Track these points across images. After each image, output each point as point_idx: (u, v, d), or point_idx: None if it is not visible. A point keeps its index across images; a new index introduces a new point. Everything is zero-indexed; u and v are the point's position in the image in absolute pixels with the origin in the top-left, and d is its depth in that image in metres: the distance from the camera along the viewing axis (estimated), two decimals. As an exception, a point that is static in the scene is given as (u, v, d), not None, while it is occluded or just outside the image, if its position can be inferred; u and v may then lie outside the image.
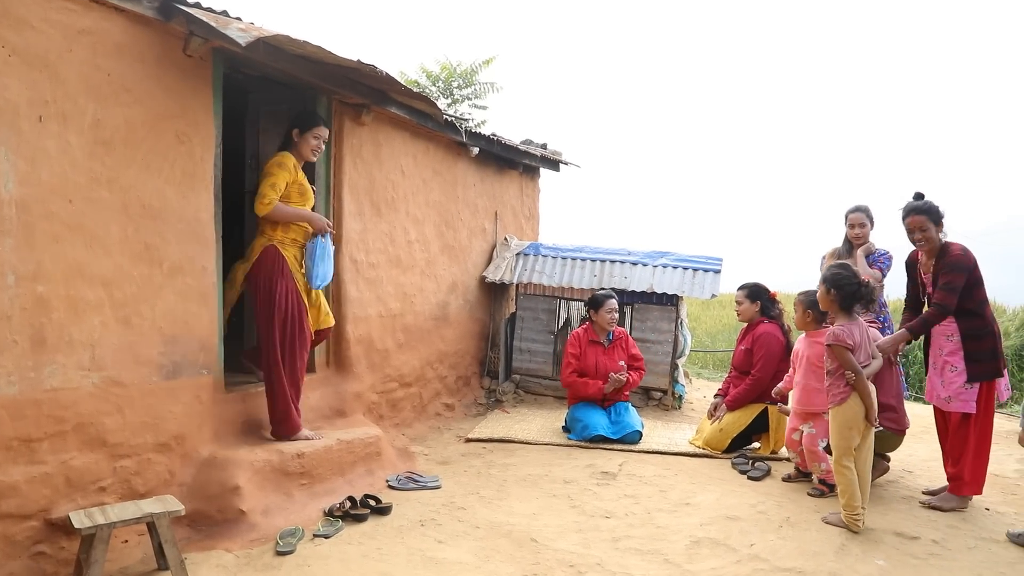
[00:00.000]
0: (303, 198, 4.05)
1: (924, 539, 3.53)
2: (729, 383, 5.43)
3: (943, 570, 3.19)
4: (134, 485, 3.28)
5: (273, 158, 4.01)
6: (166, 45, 3.40)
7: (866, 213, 5.08)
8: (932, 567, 3.22)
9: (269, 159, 4.05)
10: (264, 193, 3.86)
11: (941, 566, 3.23)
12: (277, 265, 3.96)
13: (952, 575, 3.14)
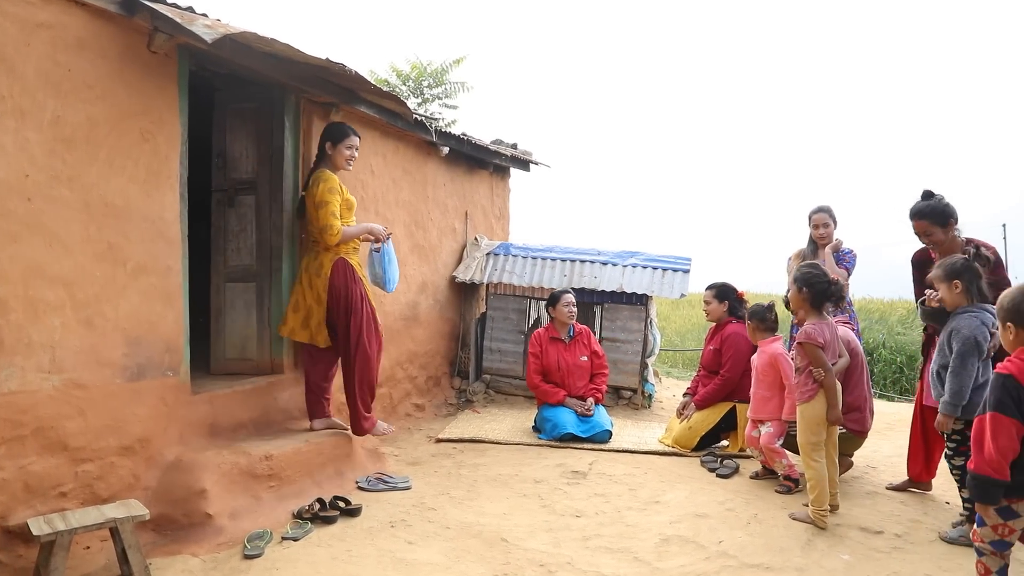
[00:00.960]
0: (351, 211, 4.33)
1: (888, 533, 3.60)
2: (698, 382, 5.48)
3: (905, 563, 3.26)
4: (97, 490, 3.21)
5: (322, 183, 4.15)
6: (130, 41, 3.34)
7: (829, 213, 5.18)
8: (895, 560, 3.29)
9: (314, 182, 4.20)
10: (330, 224, 4.10)
11: (904, 559, 3.30)
12: (350, 274, 4.27)
13: (914, 568, 3.21)
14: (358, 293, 4.28)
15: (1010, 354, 2.52)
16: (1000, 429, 2.40)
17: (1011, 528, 2.49)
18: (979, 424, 2.50)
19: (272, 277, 4.61)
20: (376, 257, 4.44)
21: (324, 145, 4.32)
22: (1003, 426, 2.39)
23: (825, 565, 3.23)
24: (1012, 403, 2.39)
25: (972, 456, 2.51)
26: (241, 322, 4.63)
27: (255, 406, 4.26)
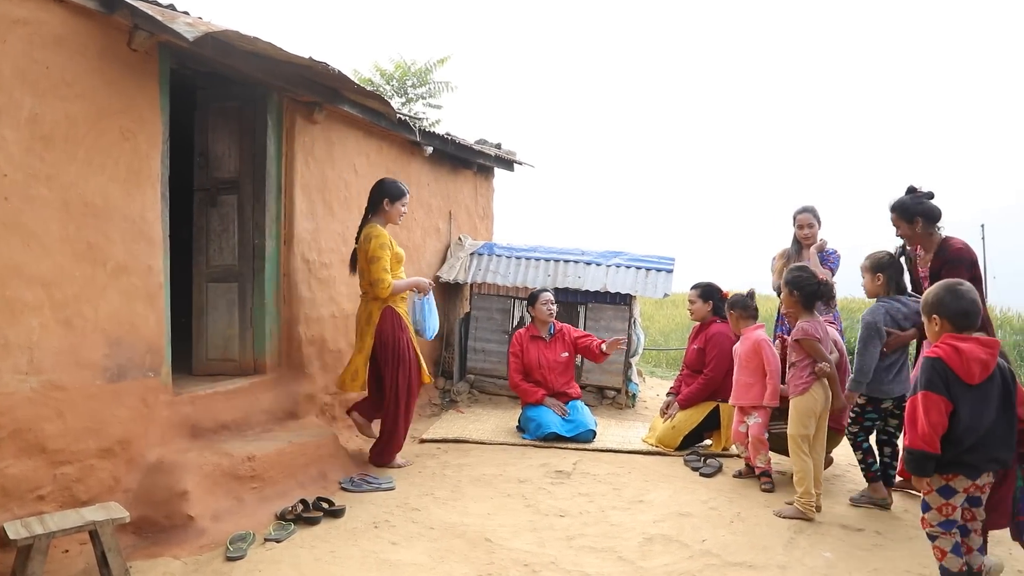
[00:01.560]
0: (399, 264, 4.58)
1: (868, 531, 3.64)
2: (681, 381, 5.51)
3: (886, 560, 3.29)
4: (76, 492, 3.17)
5: (374, 239, 4.38)
6: (109, 38, 3.30)
7: (813, 213, 5.22)
8: (876, 557, 3.32)
9: (366, 238, 4.43)
10: (382, 279, 4.36)
11: (884, 556, 3.33)
12: (397, 322, 4.54)
13: (894, 564, 3.25)
14: (405, 340, 4.56)
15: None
16: (931, 406, 2.62)
17: (953, 506, 2.69)
18: (912, 404, 2.71)
19: (255, 277, 4.58)
20: (418, 305, 4.74)
21: (382, 200, 4.55)
22: (933, 403, 2.62)
23: (807, 563, 3.26)
24: (941, 382, 2.64)
25: (907, 434, 2.73)
26: (223, 322, 4.60)
27: (238, 407, 4.23)
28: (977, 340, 2.69)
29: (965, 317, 2.74)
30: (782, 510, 3.87)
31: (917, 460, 2.66)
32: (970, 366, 2.63)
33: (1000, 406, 2.67)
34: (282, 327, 4.74)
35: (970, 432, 2.62)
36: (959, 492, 2.68)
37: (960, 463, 2.65)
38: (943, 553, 2.73)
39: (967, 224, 11.48)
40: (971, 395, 2.64)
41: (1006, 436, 2.68)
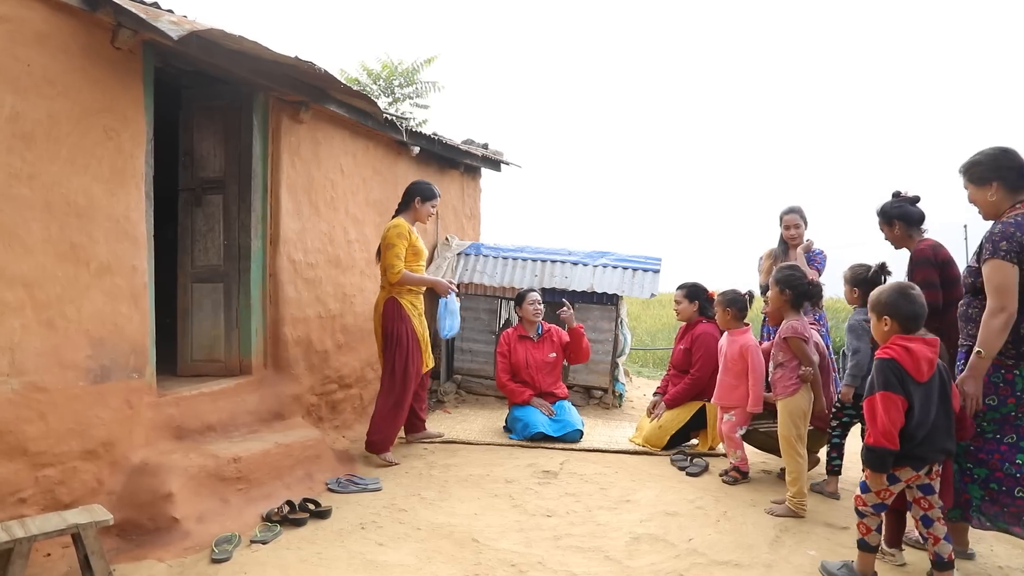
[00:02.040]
0: (416, 257, 4.86)
1: (853, 529, 3.64)
2: (668, 381, 5.53)
3: (870, 559, 3.31)
4: (58, 495, 3.14)
5: (392, 228, 4.78)
6: (93, 36, 3.27)
7: (800, 214, 5.25)
8: (860, 556, 3.34)
9: (387, 228, 4.83)
10: (392, 264, 4.70)
11: (868, 555, 3.35)
12: (397, 312, 4.80)
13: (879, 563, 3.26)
14: (404, 330, 4.78)
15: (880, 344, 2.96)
16: (890, 405, 2.78)
17: (891, 492, 2.91)
18: (870, 403, 2.85)
19: (240, 277, 4.55)
20: (440, 305, 5.11)
21: (413, 199, 4.92)
22: (892, 402, 2.78)
23: (793, 561, 3.28)
24: (896, 381, 2.79)
25: (868, 432, 2.86)
26: (209, 323, 4.57)
27: (223, 408, 4.20)
28: (923, 340, 2.86)
29: (914, 320, 2.90)
30: (773, 508, 3.90)
31: (879, 457, 2.80)
32: (920, 365, 2.81)
33: (941, 400, 2.86)
34: (268, 327, 4.71)
35: (921, 426, 2.80)
36: (901, 481, 2.89)
37: (911, 456, 2.82)
38: (868, 529, 2.96)
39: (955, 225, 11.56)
40: (920, 392, 2.81)
41: (947, 427, 2.87)
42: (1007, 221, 3.00)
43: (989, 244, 2.99)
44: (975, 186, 3.18)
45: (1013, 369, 3.03)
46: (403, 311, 4.80)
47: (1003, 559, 3.38)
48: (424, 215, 4.99)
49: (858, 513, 3.00)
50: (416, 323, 4.87)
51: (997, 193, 3.09)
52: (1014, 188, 3.06)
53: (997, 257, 2.95)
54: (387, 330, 4.80)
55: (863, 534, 2.99)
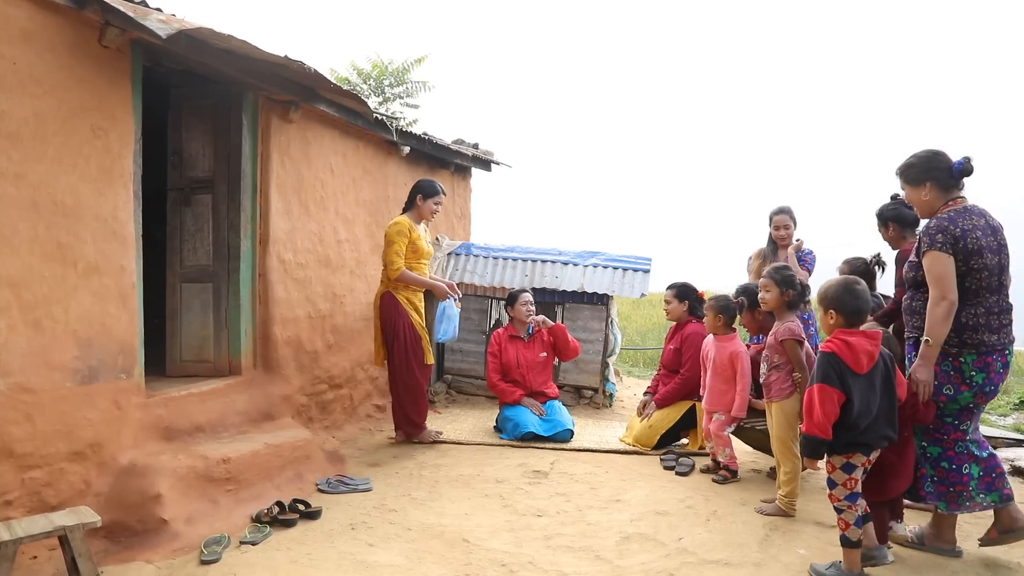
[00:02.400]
0: (416, 254, 4.98)
1: (841, 528, 3.68)
2: (658, 381, 5.54)
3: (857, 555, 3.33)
4: (45, 497, 3.12)
5: (392, 225, 4.94)
6: (80, 34, 3.25)
7: (789, 214, 5.27)
8: (848, 554, 3.36)
9: (390, 225, 4.98)
10: (392, 261, 4.86)
11: (857, 553, 3.37)
12: (393, 306, 4.96)
13: (867, 561, 3.29)
14: (401, 324, 4.94)
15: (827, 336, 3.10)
16: (825, 397, 2.93)
17: (855, 479, 3.02)
18: (809, 394, 3.01)
19: (230, 277, 4.53)
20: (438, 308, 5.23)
21: (415, 197, 5.08)
22: (828, 395, 2.93)
23: (782, 559, 3.29)
24: (835, 375, 2.94)
25: (804, 421, 3.04)
26: (198, 323, 4.55)
27: (212, 408, 4.18)
28: (864, 333, 3.01)
29: (858, 315, 3.05)
30: (763, 508, 3.91)
31: (812, 445, 2.99)
32: (859, 358, 2.95)
33: (883, 390, 3.00)
34: (257, 328, 4.70)
35: (863, 416, 2.94)
36: (858, 467, 3.02)
37: (856, 443, 2.98)
38: (847, 524, 3.02)
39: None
40: (861, 383, 2.95)
41: (890, 415, 3.02)
42: (941, 216, 3.23)
43: (927, 238, 3.21)
44: (911, 187, 3.41)
45: (958, 357, 3.20)
46: (399, 306, 4.94)
47: (989, 554, 3.40)
48: (427, 212, 5.10)
49: (836, 509, 3.08)
50: (414, 317, 4.99)
51: (931, 192, 3.32)
52: (945, 187, 3.30)
53: (935, 249, 3.16)
54: (384, 323, 4.99)
55: (843, 529, 3.06)
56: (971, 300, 3.18)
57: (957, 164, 3.27)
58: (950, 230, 3.16)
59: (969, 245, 3.13)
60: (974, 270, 3.16)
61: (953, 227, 3.16)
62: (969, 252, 3.14)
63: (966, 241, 3.14)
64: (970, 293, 3.18)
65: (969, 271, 3.16)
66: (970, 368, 3.19)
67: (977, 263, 3.15)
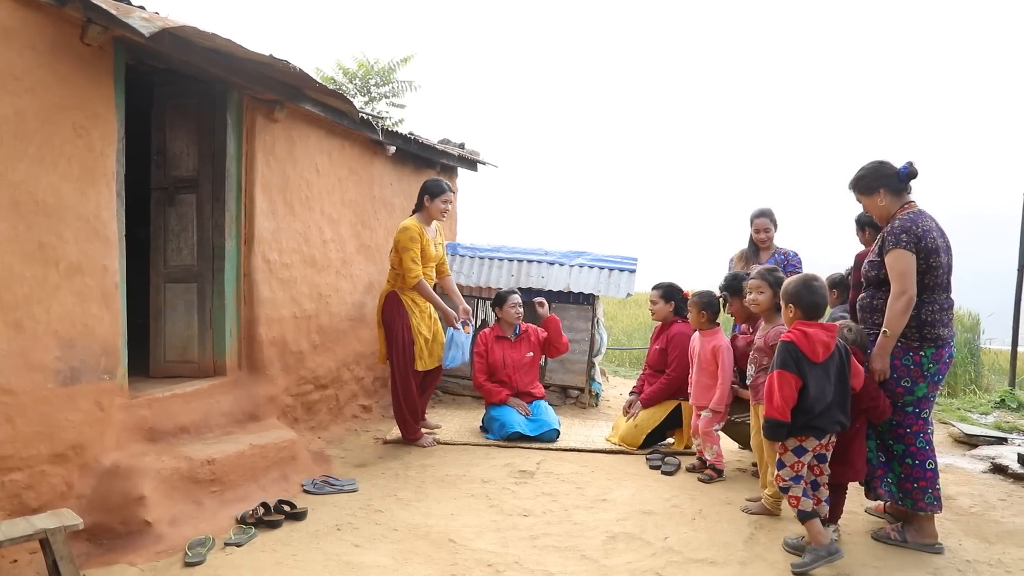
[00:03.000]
0: (428, 261, 5.05)
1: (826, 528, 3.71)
2: (644, 381, 5.56)
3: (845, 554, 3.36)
4: (26, 500, 3.08)
5: (403, 231, 4.92)
6: (62, 32, 3.22)
7: (769, 217, 5.30)
8: (832, 552, 3.39)
9: (398, 230, 4.96)
10: (410, 269, 4.89)
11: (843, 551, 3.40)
12: (395, 306, 5.02)
13: (852, 558, 3.32)
14: (398, 324, 4.99)
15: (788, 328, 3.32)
16: (784, 383, 3.15)
17: (802, 463, 3.23)
18: (769, 380, 3.24)
19: (214, 277, 4.50)
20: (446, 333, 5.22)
21: (423, 198, 5.08)
22: (786, 380, 3.15)
23: (767, 558, 3.32)
24: (793, 363, 3.16)
25: (764, 406, 3.27)
26: (182, 324, 4.52)
27: (197, 409, 4.15)
28: (821, 326, 3.23)
29: (815, 309, 3.29)
30: (748, 507, 3.94)
31: (772, 427, 3.19)
32: (815, 347, 3.16)
33: (838, 378, 3.21)
34: (242, 328, 4.67)
35: (818, 401, 3.15)
36: (809, 451, 3.23)
37: (810, 427, 3.18)
38: (797, 500, 3.21)
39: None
40: (817, 371, 3.17)
41: (843, 403, 3.23)
42: (903, 217, 3.46)
43: (891, 237, 3.43)
44: (866, 196, 3.65)
45: (919, 351, 3.41)
46: (401, 306, 5.00)
47: (971, 553, 3.44)
48: (436, 212, 5.10)
49: (781, 489, 3.29)
50: (415, 319, 5.04)
51: (885, 198, 3.56)
52: (897, 191, 3.55)
53: (899, 247, 3.37)
54: (384, 323, 5.06)
55: (795, 506, 3.22)
56: (928, 297, 3.41)
57: (903, 169, 3.53)
58: (913, 230, 3.38)
59: (928, 244, 3.36)
60: (932, 268, 3.39)
61: (915, 227, 3.38)
62: (929, 251, 3.37)
63: (926, 240, 3.37)
64: (928, 290, 3.41)
65: (928, 268, 3.39)
66: (929, 360, 3.41)
67: (935, 261, 3.38)
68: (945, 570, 3.24)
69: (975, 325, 9.48)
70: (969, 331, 9.33)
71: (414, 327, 5.04)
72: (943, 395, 8.03)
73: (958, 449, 5.60)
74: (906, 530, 3.52)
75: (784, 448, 3.24)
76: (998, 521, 3.92)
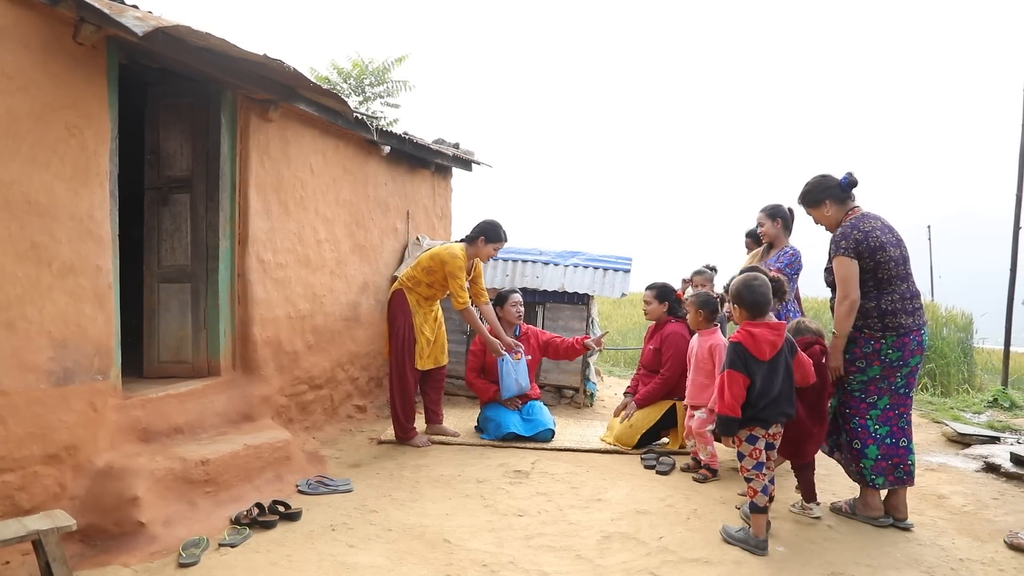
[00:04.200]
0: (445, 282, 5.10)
1: (820, 525, 3.73)
2: (638, 381, 5.56)
3: (838, 552, 3.38)
4: (18, 501, 3.07)
5: (454, 259, 5.01)
6: (54, 31, 3.21)
7: (766, 212, 5.25)
8: (828, 551, 3.40)
9: (450, 255, 5.04)
10: (458, 294, 5.03)
11: (835, 549, 3.42)
12: (400, 304, 5.14)
13: (846, 556, 3.33)
14: (401, 322, 5.10)
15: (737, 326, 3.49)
16: (732, 381, 3.35)
17: (759, 450, 3.43)
18: (720, 379, 3.42)
19: (208, 277, 4.49)
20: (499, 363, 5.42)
21: (478, 237, 5.20)
22: (735, 379, 3.35)
23: (761, 557, 3.32)
24: (740, 362, 3.36)
25: (716, 403, 3.46)
26: (176, 324, 4.50)
27: (191, 410, 4.14)
28: (767, 325, 3.40)
29: (757, 307, 3.44)
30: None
31: (724, 423, 3.39)
32: (762, 347, 3.35)
33: (784, 374, 3.41)
34: (236, 328, 4.66)
35: (764, 396, 3.35)
36: (760, 438, 3.42)
37: (757, 419, 3.38)
38: (755, 492, 3.42)
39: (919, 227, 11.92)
40: (764, 369, 3.36)
41: (789, 396, 3.44)
42: (845, 224, 3.72)
43: (833, 245, 3.71)
44: (814, 208, 3.91)
45: (880, 340, 3.65)
46: (406, 305, 5.13)
47: (964, 551, 3.46)
48: (485, 255, 5.26)
49: (746, 479, 3.47)
50: (418, 319, 5.14)
51: (831, 208, 3.84)
52: (842, 201, 3.82)
53: (839, 254, 3.65)
54: (390, 318, 5.20)
55: (751, 496, 3.43)
56: (886, 289, 3.65)
57: (844, 179, 3.80)
58: (852, 235, 3.63)
59: (872, 243, 3.61)
60: (881, 263, 3.62)
61: (855, 231, 3.64)
62: (874, 249, 3.61)
63: (869, 240, 3.61)
64: (884, 283, 3.64)
65: (877, 265, 3.62)
66: (888, 347, 3.64)
67: (883, 256, 3.61)
68: (938, 568, 3.25)
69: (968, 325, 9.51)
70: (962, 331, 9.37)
71: (416, 326, 5.11)
72: (937, 394, 8.06)
73: (951, 448, 5.62)
74: (856, 503, 3.84)
75: (738, 440, 3.44)
76: (991, 520, 3.93)
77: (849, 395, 3.79)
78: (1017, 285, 7.86)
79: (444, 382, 5.62)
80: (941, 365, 8.54)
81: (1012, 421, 6.55)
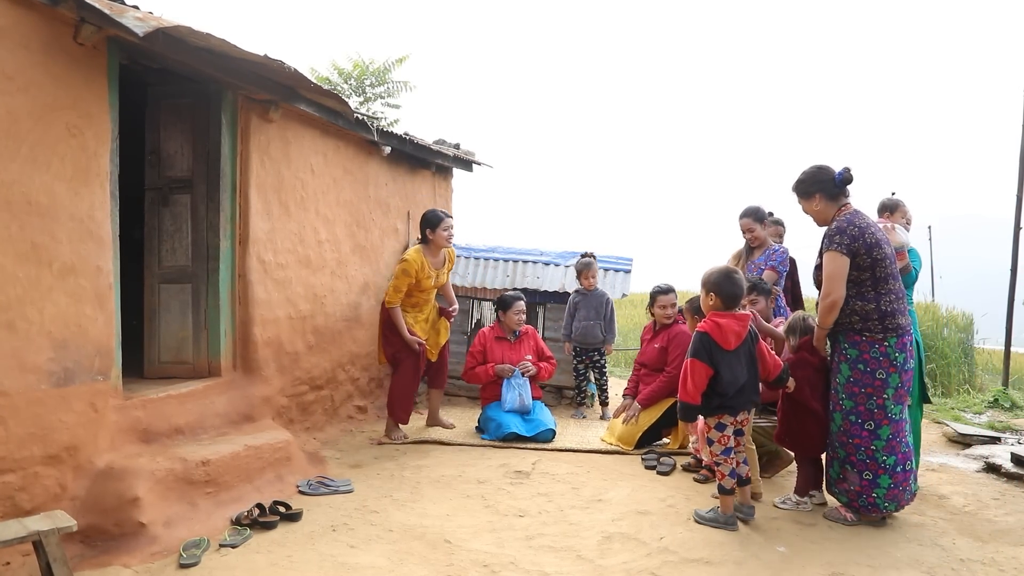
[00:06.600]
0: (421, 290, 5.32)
1: (821, 525, 3.72)
2: (636, 381, 5.56)
3: (838, 552, 3.37)
4: (18, 501, 3.07)
5: (402, 263, 5.21)
6: (55, 31, 3.21)
7: (752, 216, 5.25)
8: (828, 551, 3.40)
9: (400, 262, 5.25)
10: (389, 294, 5.26)
11: (836, 549, 3.41)
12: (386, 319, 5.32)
13: (846, 556, 3.33)
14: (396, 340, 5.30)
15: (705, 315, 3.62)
16: (695, 370, 3.49)
17: (727, 436, 3.62)
18: (684, 367, 3.55)
19: (209, 278, 4.49)
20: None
21: (425, 231, 5.30)
22: (697, 368, 3.49)
23: (762, 557, 3.32)
24: (704, 352, 3.49)
25: (679, 390, 3.58)
26: (176, 324, 4.50)
27: (191, 410, 4.14)
28: (733, 316, 3.52)
29: (733, 298, 3.57)
30: None
31: (685, 410, 3.56)
32: (727, 337, 3.48)
33: (749, 363, 3.58)
34: (237, 329, 4.65)
35: (730, 385, 3.50)
36: (728, 426, 3.60)
37: (724, 406, 3.54)
38: (723, 475, 3.62)
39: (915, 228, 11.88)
40: (729, 358, 3.50)
41: (754, 384, 3.62)
42: (839, 219, 3.65)
43: (826, 240, 3.64)
44: (804, 200, 3.85)
45: (883, 342, 3.56)
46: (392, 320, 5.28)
47: (965, 552, 3.45)
48: (442, 240, 5.33)
49: (715, 463, 3.66)
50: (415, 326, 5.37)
51: (821, 202, 3.76)
52: (833, 196, 3.75)
53: (832, 249, 3.58)
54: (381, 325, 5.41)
55: (720, 480, 3.63)
56: (883, 288, 3.58)
57: (839, 175, 3.69)
58: (848, 231, 3.56)
59: (868, 239, 3.54)
60: (878, 260, 3.55)
61: (851, 227, 3.57)
62: (870, 245, 3.54)
63: (865, 236, 3.54)
64: (880, 282, 3.57)
65: (875, 262, 3.55)
66: (894, 350, 3.56)
67: (879, 253, 3.55)
68: (939, 569, 3.25)
69: (969, 325, 9.49)
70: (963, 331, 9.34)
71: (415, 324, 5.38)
72: (937, 394, 8.05)
73: (952, 448, 5.62)
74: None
75: (708, 427, 3.62)
76: (991, 520, 3.93)
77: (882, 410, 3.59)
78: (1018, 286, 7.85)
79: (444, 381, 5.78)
80: (942, 365, 8.53)
81: (1013, 421, 6.54)
